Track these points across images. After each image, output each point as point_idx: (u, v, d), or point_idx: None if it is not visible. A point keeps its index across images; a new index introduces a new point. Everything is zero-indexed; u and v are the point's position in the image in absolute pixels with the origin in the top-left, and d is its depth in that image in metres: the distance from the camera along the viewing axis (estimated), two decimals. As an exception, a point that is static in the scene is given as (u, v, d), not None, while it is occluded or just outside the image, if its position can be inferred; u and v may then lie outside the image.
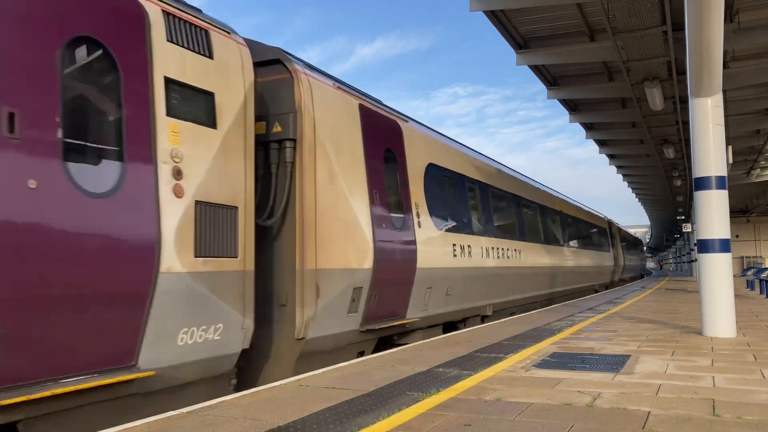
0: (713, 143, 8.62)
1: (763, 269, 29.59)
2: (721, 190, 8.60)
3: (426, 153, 10.25)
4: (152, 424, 4.22)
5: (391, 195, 8.83)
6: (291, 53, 7.31)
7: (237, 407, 4.70)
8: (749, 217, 54.54)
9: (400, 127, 9.41)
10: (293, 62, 7.13)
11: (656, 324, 10.56)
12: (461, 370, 6.19)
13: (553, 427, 4.02)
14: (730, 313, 8.56)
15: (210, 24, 5.82)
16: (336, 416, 4.35)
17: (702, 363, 6.44)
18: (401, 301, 8.98)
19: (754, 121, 22.11)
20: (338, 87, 7.93)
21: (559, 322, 11.17)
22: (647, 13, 12.07)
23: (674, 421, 4.10)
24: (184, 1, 5.63)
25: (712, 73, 8.29)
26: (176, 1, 5.49)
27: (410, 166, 9.56)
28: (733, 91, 18.44)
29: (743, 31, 14.00)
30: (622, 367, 6.21)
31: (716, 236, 8.56)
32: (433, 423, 4.15)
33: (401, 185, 9.18)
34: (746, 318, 11.54)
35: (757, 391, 5.04)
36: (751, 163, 30.13)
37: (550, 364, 6.50)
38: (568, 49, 15.65)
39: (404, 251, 8.92)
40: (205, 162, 5.51)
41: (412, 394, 5.05)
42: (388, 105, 9.62)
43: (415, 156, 9.78)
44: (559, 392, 5.08)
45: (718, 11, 7.52)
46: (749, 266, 49.98)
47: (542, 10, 14.17)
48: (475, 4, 13.21)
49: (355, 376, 5.97)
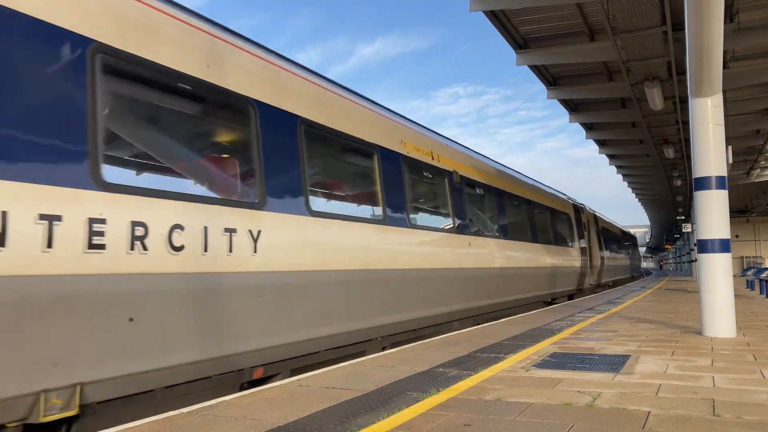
0: (713, 143, 8.62)
1: (763, 269, 29.57)
2: (721, 190, 8.60)
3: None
4: (152, 424, 4.22)
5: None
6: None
7: (237, 407, 4.70)
8: (749, 217, 54.52)
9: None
10: None
11: (656, 324, 10.55)
12: (461, 370, 6.19)
13: (553, 427, 4.02)
14: (730, 313, 8.56)
15: None
16: (336, 416, 4.36)
17: (702, 363, 6.44)
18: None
19: (754, 121, 22.11)
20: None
21: (559, 322, 11.16)
22: (647, 13, 12.07)
23: (674, 421, 4.11)
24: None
25: (712, 73, 8.29)
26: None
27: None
28: (733, 91, 18.44)
29: (743, 31, 14.00)
30: (622, 367, 6.21)
31: (716, 236, 8.55)
32: (433, 423, 4.15)
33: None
34: (746, 318, 11.54)
35: (757, 391, 5.04)
36: (751, 163, 30.12)
37: (550, 364, 6.50)
38: (568, 49, 15.65)
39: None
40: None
41: (412, 394, 5.05)
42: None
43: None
44: (559, 392, 5.08)
45: (718, 11, 7.52)
46: (749, 266, 49.95)
47: (542, 10, 14.18)
48: (474, 4, 13.21)
49: (355, 376, 5.97)
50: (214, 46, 6.01)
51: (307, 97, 7.33)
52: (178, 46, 5.56)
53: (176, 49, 5.52)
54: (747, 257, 55.41)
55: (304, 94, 7.28)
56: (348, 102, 8.32)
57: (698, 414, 4.30)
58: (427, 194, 10.86)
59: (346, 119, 8.09)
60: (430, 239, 9.86)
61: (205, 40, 5.91)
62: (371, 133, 8.75)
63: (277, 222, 6.35)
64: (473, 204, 12.26)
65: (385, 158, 9.01)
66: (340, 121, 7.92)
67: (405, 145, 9.76)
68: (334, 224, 7.32)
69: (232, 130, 6.36)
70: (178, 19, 5.68)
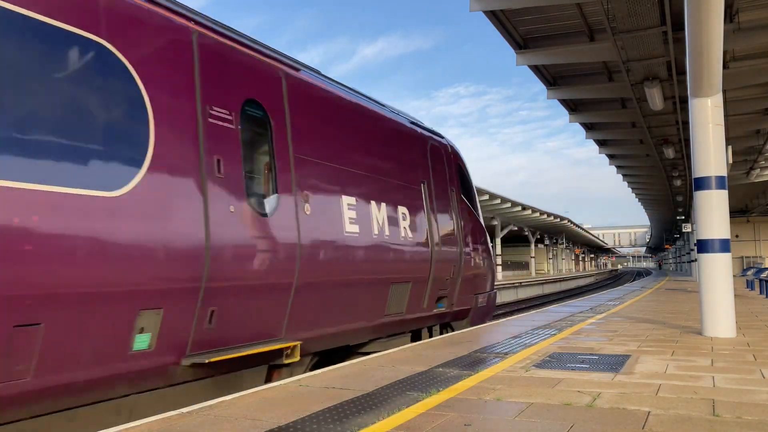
0: (713, 143, 8.62)
1: (763, 269, 29.58)
2: (721, 190, 8.60)
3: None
4: (152, 424, 4.22)
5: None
6: None
7: (237, 407, 4.70)
8: (749, 217, 54.52)
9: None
10: None
11: (656, 324, 10.55)
12: (461, 370, 6.19)
13: (553, 427, 4.02)
14: (730, 313, 8.56)
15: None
16: (336, 416, 4.35)
17: (702, 363, 6.44)
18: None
19: (754, 121, 22.12)
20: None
21: (559, 322, 11.17)
22: (647, 13, 12.07)
23: (674, 421, 4.10)
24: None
25: (712, 73, 8.29)
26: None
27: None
28: (733, 91, 18.43)
29: (743, 31, 14.00)
30: (622, 367, 6.21)
31: (716, 236, 8.56)
32: (433, 423, 4.15)
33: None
34: (746, 318, 11.54)
35: (756, 391, 5.04)
36: (751, 163, 30.14)
37: (550, 364, 6.50)
38: (567, 49, 15.65)
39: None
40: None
41: (412, 394, 5.05)
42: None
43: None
44: (558, 392, 5.08)
45: (718, 11, 7.53)
46: (749, 266, 49.96)
47: (542, 10, 14.18)
48: (475, 4, 13.22)
49: (355, 376, 5.97)
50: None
51: None
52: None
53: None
54: (747, 257, 55.41)
55: None
56: None
57: (698, 414, 4.30)
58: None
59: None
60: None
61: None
62: None
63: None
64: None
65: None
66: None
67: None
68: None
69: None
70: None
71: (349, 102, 8.32)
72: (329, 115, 7.73)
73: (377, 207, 8.25)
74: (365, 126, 8.51)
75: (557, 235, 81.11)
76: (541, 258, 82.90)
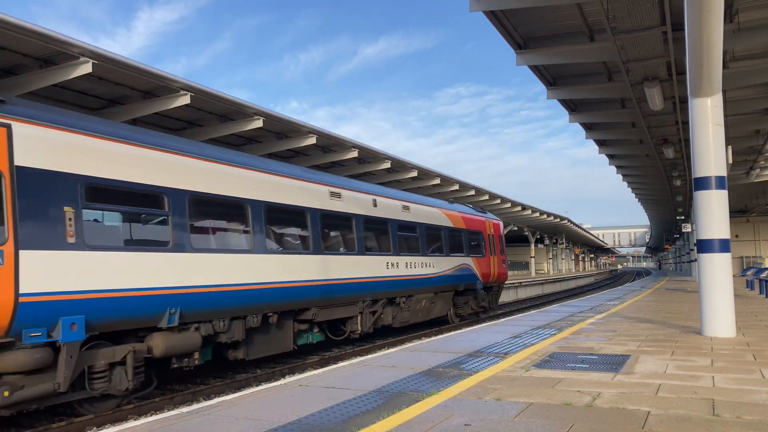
0: (713, 143, 8.62)
1: (762, 269, 29.54)
2: (720, 190, 8.60)
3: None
4: (152, 424, 4.23)
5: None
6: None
7: (237, 407, 4.71)
8: (749, 217, 54.52)
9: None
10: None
11: (656, 324, 10.55)
12: (461, 370, 6.19)
13: (553, 427, 4.02)
14: (729, 313, 8.56)
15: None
16: (336, 416, 4.36)
17: (702, 363, 6.45)
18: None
19: (754, 121, 22.09)
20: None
21: (559, 321, 11.16)
22: (647, 13, 12.06)
23: (674, 421, 4.11)
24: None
25: (712, 73, 8.29)
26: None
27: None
28: (733, 91, 18.42)
29: (743, 31, 13.99)
30: (622, 367, 6.21)
31: (716, 236, 8.56)
32: (433, 423, 4.15)
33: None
34: (746, 318, 11.54)
35: (756, 390, 5.04)
36: (751, 163, 30.12)
37: (550, 364, 6.50)
38: (567, 49, 15.63)
39: None
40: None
41: (412, 394, 5.06)
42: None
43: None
44: (558, 392, 5.08)
45: (718, 11, 7.53)
46: (749, 266, 49.95)
47: (542, 10, 14.16)
48: (474, 4, 13.20)
49: (355, 376, 5.97)
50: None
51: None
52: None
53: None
54: (747, 257, 55.41)
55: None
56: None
57: (698, 414, 4.30)
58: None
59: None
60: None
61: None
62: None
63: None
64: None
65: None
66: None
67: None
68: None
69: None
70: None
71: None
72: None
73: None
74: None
75: (557, 235, 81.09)
76: (541, 258, 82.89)
